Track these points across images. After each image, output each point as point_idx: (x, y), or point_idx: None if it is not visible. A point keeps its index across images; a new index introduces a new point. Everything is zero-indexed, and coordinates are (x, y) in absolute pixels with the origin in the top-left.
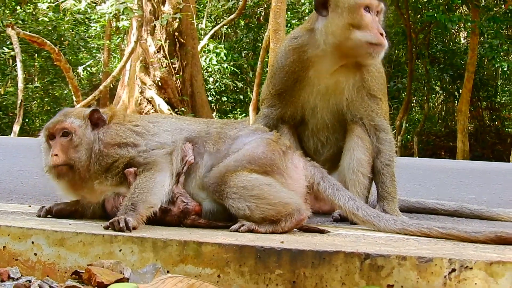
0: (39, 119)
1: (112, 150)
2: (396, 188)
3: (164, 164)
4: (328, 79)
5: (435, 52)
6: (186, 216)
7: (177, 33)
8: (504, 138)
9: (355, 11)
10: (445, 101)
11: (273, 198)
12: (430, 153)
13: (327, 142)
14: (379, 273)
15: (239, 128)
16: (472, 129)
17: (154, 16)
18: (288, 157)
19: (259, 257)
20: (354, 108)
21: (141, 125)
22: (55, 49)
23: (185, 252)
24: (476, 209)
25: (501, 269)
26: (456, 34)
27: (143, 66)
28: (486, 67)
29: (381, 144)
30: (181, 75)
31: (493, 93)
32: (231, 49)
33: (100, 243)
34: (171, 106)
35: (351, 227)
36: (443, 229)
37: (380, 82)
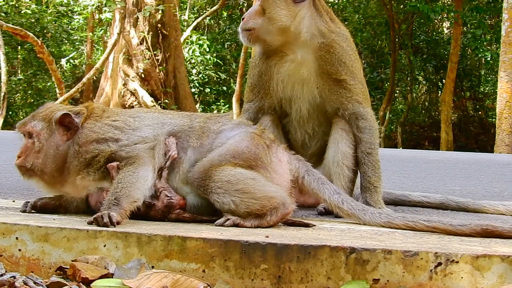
0: (23, 112)
1: (90, 146)
2: (379, 178)
3: (146, 158)
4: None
5: (418, 42)
6: (170, 211)
7: (160, 25)
8: (488, 128)
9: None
10: (429, 91)
11: (258, 192)
12: (414, 143)
13: (314, 135)
14: (364, 267)
15: (222, 123)
16: (455, 119)
17: (136, 8)
18: (272, 151)
19: (244, 251)
20: (327, 97)
21: (120, 120)
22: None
23: (169, 247)
24: (461, 201)
25: (487, 262)
26: (439, 24)
27: (126, 58)
28: (469, 57)
29: (361, 132)
30: (164, 67)
31: (477, 83)
32: (214, 41)
33: (85, 238)
34: (155, 98)
35: (336, 220)
36: (429, 222)
37: (342, 60)
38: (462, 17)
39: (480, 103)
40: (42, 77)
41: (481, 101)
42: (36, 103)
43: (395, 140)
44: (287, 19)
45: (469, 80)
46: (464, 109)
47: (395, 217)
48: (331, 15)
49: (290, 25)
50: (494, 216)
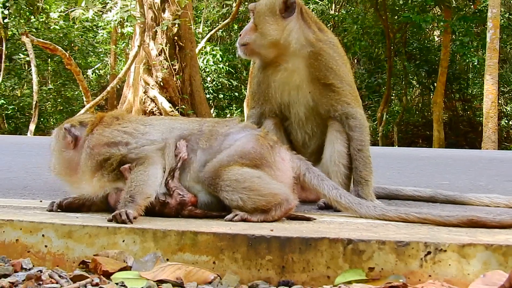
0: (53, 118)
1: (102, 149)
2: (370, 172)
3: (155, 158)
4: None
5: (411, 49)
6: (183, 208)
7: (177, 37)
8: (476, 126)
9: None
10: (422, 94)
11: (263, 190)
12: (408, 141)
13: (313, 135)
14: (360, 257)
15: (229, 126)
16: (446, 118)
17: (155, 23)
18: (275, 150)
19: (250, 244)
20: (319, 101)
21: (131, 126)
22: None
23: (182, 241)
24: (450, 194)
25: (472, 250)
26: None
27: (146, 68)
28: (458, 62)
29: (352, 130)
30: (181, 75)
31: (465, 86)
32: (226, 51)
33: (105, 235)
34: (173, 104)
35: (335, 214)
36: (420, 214)
37: (329, 66)
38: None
39: (469, 104)
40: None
41: (469, 102)
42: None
43: (392, 139)
44: (277, 33)
45: (458, 83)
46: (454, 109)
47: (389, 210)
48: (319, 25)
49: (280, 38)
50: (480, 208)
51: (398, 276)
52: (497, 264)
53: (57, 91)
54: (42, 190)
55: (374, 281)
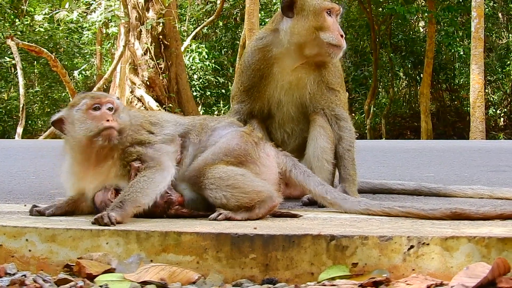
0: (41, 121)
1: (142, 130)
2: (356, 172)
3: (167, 163)
4: (291, 75)
5: (396, 41)
6: (170, 207)
7: (161, 36)
8: (463, 116)
9: (319, 14)
10: (408, 85)
11: (247, 187)
12: (396, 133)
13: (293, 134)
14: (344, 253)
15: (218, 120)
16: (434, 109)
17: (139, 22)
18: (260, 147)
19: (234, 243)
20: (315, 101)
21: (153, 115)
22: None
23: (166, 242)
24: (433, 187)
25: (455, 243)
26: (415, 24)
27: (132, 67)
28: (443, 53)
29: (342, 131)
30: (167, 74)
31: (452, 76)
32: (212, 48)
33: (89, 237)
34: (159, 103)
35: (319, 210)
36: (403, 208)
37: (337, 76)
38: (435, 17)
39: (456, 94)
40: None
41: (456, 92)
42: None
43: (380, 131)
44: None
45: (444, 74)
46: (441, 100)
47: (373, 205)
48: None
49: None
50: (463, 200)
51: (382, 271)
52: (480, 256)
53: (44, 93)
54: (26, 194)
55: (358, 276)
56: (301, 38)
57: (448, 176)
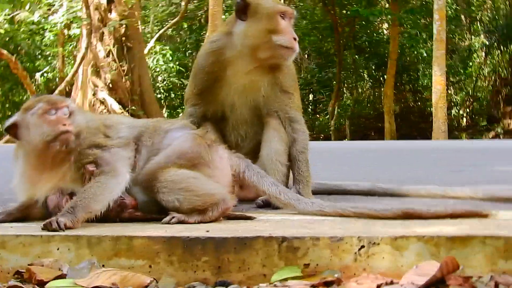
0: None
1: (98, 133)
2: (310, 173)
3: (121, 169)
4: (245, 78)
5: (360, 43)
6: (123, 210)
7: (124, 38)
8: (427, 117)
9: (272, 17)
10: (372, 86)
11: (199, 190)
12: (361, 134)
13: (247, 136)
14: (295, 254)
15: (171, 123)
16: (397, 110)
17: (102, 24)
18: (213, 149)
19: (186, 246)
20: (269, 103)
21: (108, 118)
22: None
23: (118, 246)
24: (387, 187)
25: (405, 243)
26: (379, 25)
27: (95, 70)
28: (407, 54)
29: (296, 133)
30: (130, 76)
31: (415, 77)
32: (176, 50)
33: (39, 244)
34: (122, 105)
35: (273, 212)
36: (355, 208)
37: (292, 79)
38: (398, 19)
39: (419, 95)
40: (18, 91)
41: (419, 93)
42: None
43: (344, 132)
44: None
45: (408, 75)
46: (405, 101)
47: (326, 206)
48: None
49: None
50: (416, 200)
51: (333, 271)
52: (430, 255)
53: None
54: None
55: (310, 277)
56: (254, 41)
57: (404, 176)
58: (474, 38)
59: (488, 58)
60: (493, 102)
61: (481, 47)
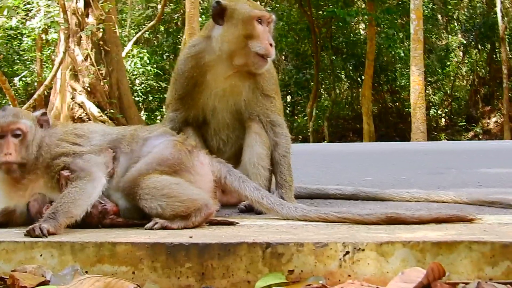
0: None
1: (63, 143)
2: (292, 177)
3: (97, 174)
4: (225, 83)
5: (337, 44)
6: (105, 217)
7: (102, 42)
8: (405, 117)
9: (248, 22)
10: (350, 87)
11: (182, 196)
12: (339, 135)
13: (228, 141)
14: (280, 260)
15: (149, 131)
16: (376, 111)
17: (79, 28)
18: (194, 155)
19: (169, 252)
20: (251, 108)
21: (79, 127)
22: None
23: (101, 252)
24: (371, 191)
25: (390, 248)
26: (356, 26)
27: (73, 74)
28: (384, 55)
29: (278, 137)
30: (108, 80)
31: (393, 78)
32: (154, 53)
33: (22, 250)
34: (101, 109)
35: (256, 217)
36: (339, 213)
37: (272, 82)
38: (375, 19)
39: (397, 96)
40: None
41: (397, 94)
42: None
43: (323, 134)
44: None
45: (385, 75)
46: (383, 101)
47: (310, 211)
48: None
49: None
50: (400, 204)
51: (318, 277)
52: (415, 261)
53: None
54: None
55: (294, 283)
56: (231, 46)
57: (386, 179)
58: (451, 37)
59: (465, 57)
60: (471, 102)
61: (459, 46)
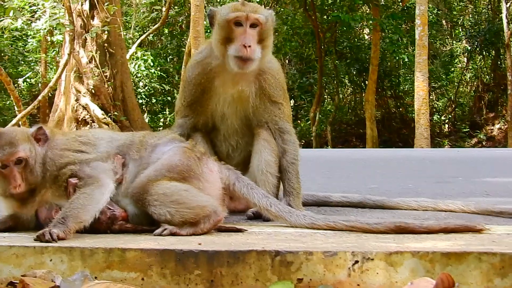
0: None
1: (66, 152)
2: (300, 185)
3: (105, 180)
4: (232, 88)
5: (341, 48)
6: (113, 222)
7: (107, 44)
8: (408, 123)
9: (224, 26)
10: (354, 92)
11: (191, 202)
12: (342, 140)
13: (238, 147)
14: (289, 269)
15: (158, 137)
16: (379, 116)
17: (84, 30)
18: (203, 162)
19: (178, 259)
20: (259, 114)
21: (83, 135)
22: None
23: (110, 258)
24: (378, 200)
25: (399, 258)
26: (360, 31)
27: (77, 75)
28: (388, 60)
29: (286, 144)
30: (112, 82)
31: (396, 83)
32: (158, 56)
33: (32, 254)
34: (105, 111)
35: (264, 224)
36: (348, 222)
37: (279, 88)
38: (379, 24)
39: (400, 101)
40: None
41: (401, 99)
42: None
43: (326, 138)
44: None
45: (389, 81)
46: (386, 106)
47: (318, 219)
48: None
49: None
50: (408, 212)
51: (327, 286)
52: (424, 271)
53: None
54: None
55: None
56: (217, 52)
57: (393, 187)
58: (455, 43)
59: (470, 64)
60: (475, 108)
61: (463, 52)
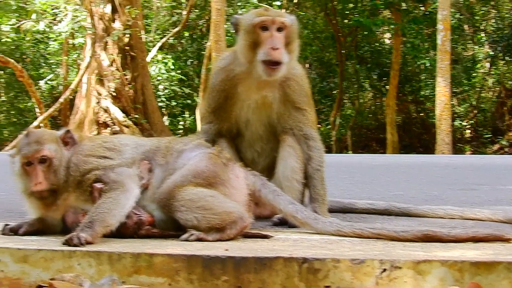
0: (7, 130)
1: (90, 158)
2: (326, 191)
3: (130, 185)
4: (256, 94)
5: (362, 53)
6: (140, 227)
7: (128, 47)
8: (429, 128)
9: (250, 31)
10: (374, 97)
11: (217, 208)
12: (362, 145)
13: (262, 153)
14: (316, 276)
15: (184, 143)
16: (399, 121)
17: (106, 33)
18: (229, 168)
19: (206, 265)
20: (283, 121)
21: (109, 141)
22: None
23: (138, 263)
24: (404, 207)
25: (427, 267)
26: (381, 36)
27: (98, 78)
28: (409, 64)
29: (311, 151)
30: (133, 85)
31: (417, 88)
32: (178, 59)
33: (60, 258)
34: (126, 113)
35: (290, 230)
36: (374, 229)
37: (303, 94)
38: (401, 29)
39: (421, 106)
40: (23, 98)
41: (422, 104)
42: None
43: (346, 143)
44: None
45: (410, 85)
46: (407, 111)
47: (344, 226)
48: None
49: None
50: (434, 220)
51: None
52: (453, 280)
53: (10, 103)
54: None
55: None
56: (244, 58)
57: (417, 194)
58: (478, 48)
59: (492, 69)
60: (497, 114)
61: (485, 57)
